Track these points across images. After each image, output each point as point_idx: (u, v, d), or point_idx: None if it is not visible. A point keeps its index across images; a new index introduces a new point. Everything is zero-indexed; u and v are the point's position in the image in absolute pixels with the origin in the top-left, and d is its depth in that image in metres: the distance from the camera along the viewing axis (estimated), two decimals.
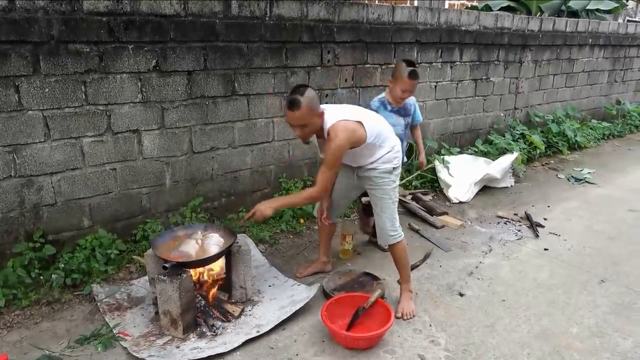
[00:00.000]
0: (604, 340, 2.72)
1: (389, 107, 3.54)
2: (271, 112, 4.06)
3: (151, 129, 3.45)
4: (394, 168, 2.86)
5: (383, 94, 3.59)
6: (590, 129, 7.56)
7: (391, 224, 2.88)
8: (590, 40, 7.31)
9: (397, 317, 2.84)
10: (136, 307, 2.92)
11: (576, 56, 7.24)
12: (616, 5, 8.95)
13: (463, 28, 5.38)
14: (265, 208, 2.73)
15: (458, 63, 5.52)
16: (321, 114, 2.67)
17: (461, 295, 3.15)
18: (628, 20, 13.81)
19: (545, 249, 3.83)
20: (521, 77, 6.45)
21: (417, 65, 3.29)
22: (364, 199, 3.70)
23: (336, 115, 2.68)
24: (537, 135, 6.39)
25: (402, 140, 3.27)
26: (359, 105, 3.67)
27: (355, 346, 2.59)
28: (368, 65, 4.62)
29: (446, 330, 2.77)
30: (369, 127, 2.71)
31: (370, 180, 2.87)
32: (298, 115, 2.57)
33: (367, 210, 3.66)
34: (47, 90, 2.98)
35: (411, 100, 3.62)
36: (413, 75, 3.31)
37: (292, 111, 2.57)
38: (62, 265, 3.07)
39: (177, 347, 2.54)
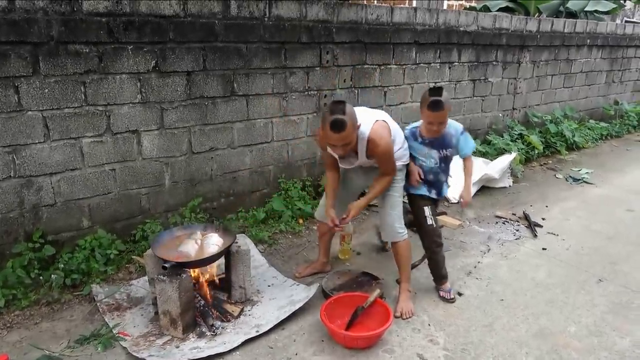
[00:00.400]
0: (601, 339, 2.73)
1: (420, 139, 3.02)
2: (270, 112, 4.07)
3: (150, 129, 3.46)
4: (403, 165, 2.90)
5: (417, 123, 3.08)
6: (589, 129, 7.59)
7: (399, 221, 2.92)
8: (588, 41, 7.33)
9: (396, 317, 2.85)
10: (136, 307, 2.93)
11: (574, 57, 7.26)
12: (614, 6, 8.98)
13: (461, 29, 5.40)
14: (356, 208, 2.89)
15: (456, 63, 5.54)
16: (358, 127, 2.61)
17: (460, 294, 3.16)
18: (626, 21, 13.84)
19: (544, 249, 3.85)
20: (519, 78, 6.47)
21: (442, 94, 2.75)
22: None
23: (368, 119, 2.68)
24: (535, 135, 6.41)
25: (437, 174, 3.04)
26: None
27: (354, 345, 2.60)
28: (367, 66, 4.64)
29: (445, 329, 2.78)
30: (391, 124, 2.80)
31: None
32: (344, 136, 2.49)
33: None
34: (46, 90, 2.98)
35: (454, 128, 3.01)
36: (434, 107, 2.75)
37: (339, 132, 2.46)
38: (62, 265, 3.08)
39: (177, 347, 2.55)
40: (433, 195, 3.08)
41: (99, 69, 3.14)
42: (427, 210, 3.02)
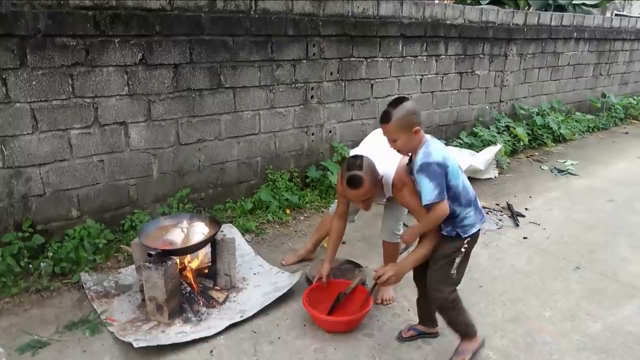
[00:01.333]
0: (575, 323, 2.83)
1: None
2: (257, 104, 4.13)
3: (138, 121, 3.52)
4: None
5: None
6: (576, 121, 7.69)
7: (398, 224, 2.96)
8: (575, 34, 7.41)
9: (377, 303, 2.94)
10: (123, 294, 3.00)
11: (561, 50, 7.35)
12: None
13: (448, 22, 5.46)
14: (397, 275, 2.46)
15: (443, 56, 5.61)
16: (381, 179, 2.49)
17: None
18: (616, 14, 13.94)
19: (525, 238, 3.94)
20: (506, 71, 6.55)
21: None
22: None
23: (390, 165, 2.52)
24: (521, 127, 6.50)
25: None
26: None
27: (335, 329, 2.69)
28: (353, 59, 4.70)
29: None
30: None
31: None
32: (362, 193, 2.40)
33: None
34: (34, 82, 3.04)
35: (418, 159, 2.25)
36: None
37: (356, 189, 2.38)
38: (51, 254, 3.14)
39: (163, 332, 2.63)
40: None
41: (86, 62, 3.19)
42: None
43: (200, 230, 2.92)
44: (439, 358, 2.51)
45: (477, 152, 5.54)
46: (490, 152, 5.37)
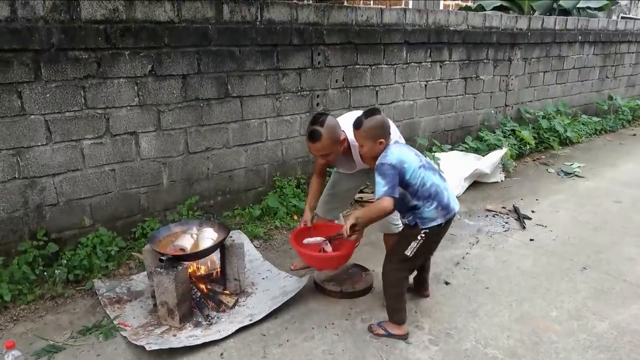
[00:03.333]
0: (581, 322, 2.85)
1: None
2: (264, 113, 4.21)
3: (148, 130, 3.60)
4: None
5: None
6: (582, 124, 7.69)
7: (396, 215, 3.02)
8: (580, 37, 7.44)
9: (384, 305, 2.98)
10: (135, 300, 3.07)
11: (566, 53, 7.37)
12: (606, 2, 9.07)
13: (452, 28, 5.52)
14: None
15: (447, 62, 5.66)
16: (343, 140, 2.73)
17: (447, 283, 3.28)
18: (622, 17, 13.92)
19: (531, 240, 3.97)
20: (511, 75, 6.59)
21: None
22: None
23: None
24: (527, 131, 6.52)
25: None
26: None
27: (324, 266, 3.08)
28: (358, 66, 4.77)
29: (430, 316, 2.91)
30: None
31: None
32: (319, 147, 2.65)
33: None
34: (48, 95, 3.13)
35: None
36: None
37: (313, 142, 2.63)
38: (65, 262, 3.22)
39: (174, 336, 2.69)
40: None
41: (97, 74, 3.29)
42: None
43: (209, 236, 2.99)
44: (445, 358, 2.54)
45: (483, 156, 5.57)
46: (495, 155, 5.40)
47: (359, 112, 2.73)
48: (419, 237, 2.59)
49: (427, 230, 2.58)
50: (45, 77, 3.10)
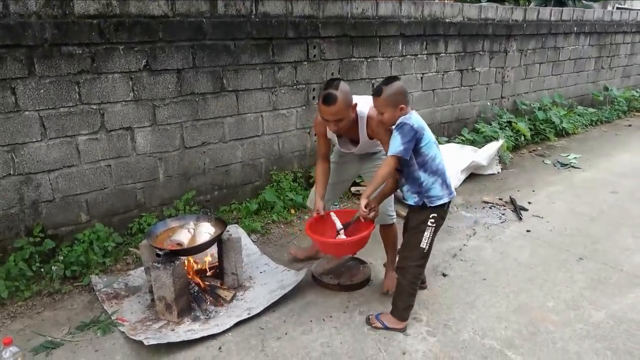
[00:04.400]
0: (578, 312, 2.87)
1: None
2: (260, 106, 4.19)
3: (143, 126, 3.59)
4: None
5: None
6: (578, 115, 7.70)
7: (390, 206, 3.03)
8: (575, 29, 7.44)
9: (383, 293, 3.01)
10: (133, 295, 3.07)
11: (562, 44, 7.37)
12: None
13: (447, 20, 5.51)
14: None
15: (443, 54, 5.65)
16: (355, 106, 2.72)
17: (444, 275, 3.29)
18: (617, 8, 13.92)
19: (528, 231, 3.98)
20: (507, 67, 6.59)
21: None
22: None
23: (366, 101, 2.74)
24: (523, 122, 6.53)
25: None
26: None
27: (344, 252, 3.05)
28: (354, 59, 4.76)
29: (428, 307, 2.92)
30: None
31: (375, 163, 3.01)
32: (334, 110, 2.60)
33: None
34: (42, 91, 3.11)
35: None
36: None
37: (328, 106, 2.58)
38: (62, 258, 3.22)
39: (172, 330, 2.69)
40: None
41: (91, 69, 3.27)
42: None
43: (206, 231, 2.98)
44: (444, 349, 2.54)
45: (480, 148, 5.57)
46: (492, 147, 5.41)
47: (364, 96, 2.81)
48: (429, 223, 2.57)
49: (435, 214, 2.57)
50: (39, 73, 3.08)
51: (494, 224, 4.14)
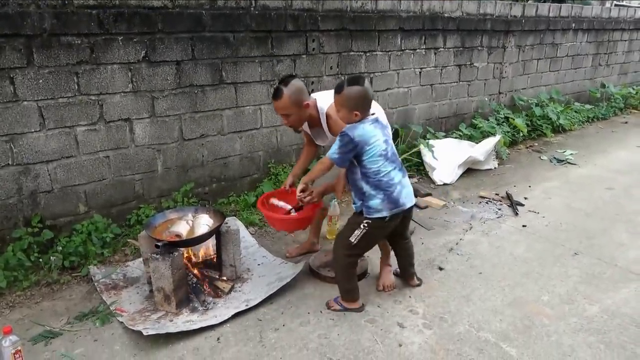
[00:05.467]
0: (572, 306, 2.90)
1: None
2: (259, 99, 4.20)
3: (142, 117, 3.59)
4: None
5: None
6: (575, 112, 7.73)
7: None
8: (573, 25, 7.45)
9: (378, 290, 3.02)
10: (131, 286, 3.08)
11: (560, 41, 7.39)
12: None
13: (446, 15, 5.51)
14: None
15: (442, 49, 5.66)
16: (307, 105, 2.80)
17: (440, 269, 3.32)
18: (615, 5, 13.91)
19: (524, 226, 4.01)
20: (505, 62, 6.60)
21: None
22: None
23: (328, 98, 2.81)
24: (520, 118, 6.55)
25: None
26: None
27: (288, 228, 3.17)
28: (353, 53, 4.76)
29: (424, 300, 2.94)
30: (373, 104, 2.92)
31: None
32: (281, 105, 2.74)
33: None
34: (41, 81, 3.11)
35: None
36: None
37: (275, 100, 2.74)
38: (60, 248, 3.22)
39: (171, 321, 2.71)
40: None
41: (90, 60, 3.26)
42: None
43: (205, 222, 2.99)
44: (439, 342, 2.57)
45: (477, 143, 5.60)
46: (489, 143, 5.43)
47: (330, 93, 2.82)
48: (362, 226, 2.64)
49: (370, 221, 2.62)
50: (37, 63, 3.07)
51: (490, 218, 4.17)
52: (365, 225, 2.64)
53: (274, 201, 3.13)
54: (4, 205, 3.16)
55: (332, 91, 2.70)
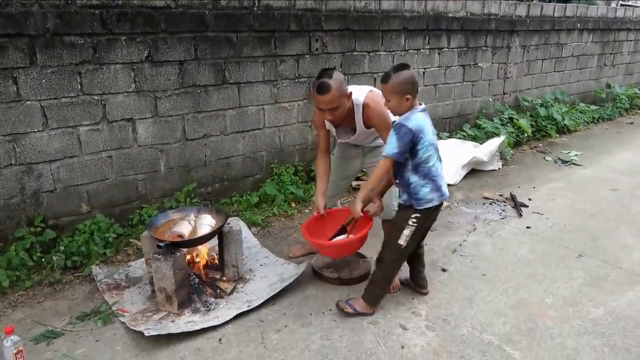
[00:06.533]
0: (576, 309, 2.87)
1: None
2: (261, 99, 4.19)
3: (145, 117, 3.58)
4: None
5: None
6: (580, 112, 7.69)
7: (395, 200, 3.01)
8: (578, 25, 7.41)
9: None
10: (134, 286, 3.08)
11: (565, 41, 7.35)
12: None
13: (450, 15, 5.49)
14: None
15: (446, 49, 5.64)
16: (349, 95, 2.75)
17: (444, 270, 3.30)
18: (621, 5, 13.84)
19: (528, 227, 3.98)
20: (509, 63, 6.57)
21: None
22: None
23: (361, 89, 2.80)
24: (524, 119, 6.52)
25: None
26: None
27: (341, 253, 2.99)
28: (356, 53, 4.74)
29: (427, 302, 2.93)
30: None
31: (377, 157, 2.98)
32: (329, 99, 2.62)
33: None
34: (44, 81, 3.11)
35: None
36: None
37: (323, 95, 2.61)
38: (63, 248, 3.23)
39: (173, 321, 2.70)
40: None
41: (93, 60, 3.26)
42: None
43: (207, 223, 2.99)
44: (442, 344, 2.55)
45: (481, 143, 5.57)
46: (493, 143, 5.40)
47: (360, 86, 2.89)
48: (410, 222, 2.60)
49: (419, 215, 2.59)
50: (40, 63, 3.07)
51: (494, 219, 4.15)
52: (414, 220, 2.60)
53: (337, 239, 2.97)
54: (7, 205, 3.16)
55: (359, 86, 2.82)
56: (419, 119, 2.47)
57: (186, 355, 2.47)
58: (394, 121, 2.52)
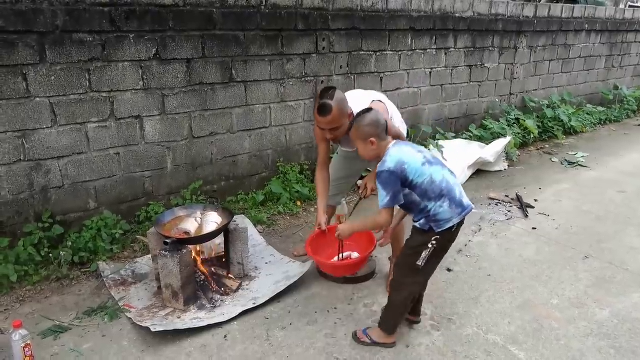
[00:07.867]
0: (582, 310, 2.87)
1: None
2: (268, 98, 4.20)
3: (152, 114, 3.60)
4: None
5: None
6: (587, 114, 7.65)
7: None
8: (586, 26, 7.38)
9: (388, 292, 3.00)
10: (140, 282, 3.10)
11: (572, 42, 7.32)
12: None
13: (457, 15, 5.48)
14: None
15: (452, 49, 5.63)
16: (351, 114, 2.66)
17: (449, 270, 3.30)
18: (630, 6, 13.76)
19: (534, 228, 3.97)
20: (516, 63, 6.55)
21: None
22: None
23: (365, 101, 2.74)
24: (531, 120, 6.50)
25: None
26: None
27: (343, 273, 3.02)
28: (363, 52, 4.75)
29: (433, 302, 2.93)
30: (388, 103, 2.90)
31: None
32: (330, 120, 2.58)
33: None
34: (53, 78, 3.13)
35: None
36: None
37: (324, 116, 2.57)
38: (70, 244, 3.25)
39: (179, 318, 2.72)
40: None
41: (102, 57, 3.28)
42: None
43: (213, 220, 3.00)
44: (447, 343, 2.56)
45: (487, 144, 5.56)
46: (499, 144, 5.39)
47: (365, 91, 2.93)
48: (429, 246, 2.33)
49: (439, 237, 2.32)
50: (50, 60, 3.09)
51: (499, 220, 4.14)
52: (434, 242, 2.33)
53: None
54: (15, 200, 3.19)
55: (358, 92, 2.86)
56: (394, 154, 2.28)
57: (192, 351, 2.49)
58: (377, 171, 2.29)
